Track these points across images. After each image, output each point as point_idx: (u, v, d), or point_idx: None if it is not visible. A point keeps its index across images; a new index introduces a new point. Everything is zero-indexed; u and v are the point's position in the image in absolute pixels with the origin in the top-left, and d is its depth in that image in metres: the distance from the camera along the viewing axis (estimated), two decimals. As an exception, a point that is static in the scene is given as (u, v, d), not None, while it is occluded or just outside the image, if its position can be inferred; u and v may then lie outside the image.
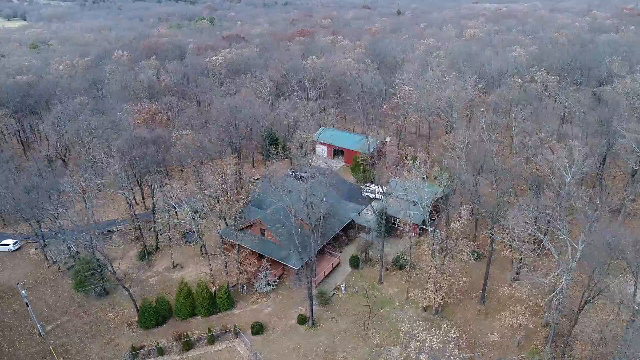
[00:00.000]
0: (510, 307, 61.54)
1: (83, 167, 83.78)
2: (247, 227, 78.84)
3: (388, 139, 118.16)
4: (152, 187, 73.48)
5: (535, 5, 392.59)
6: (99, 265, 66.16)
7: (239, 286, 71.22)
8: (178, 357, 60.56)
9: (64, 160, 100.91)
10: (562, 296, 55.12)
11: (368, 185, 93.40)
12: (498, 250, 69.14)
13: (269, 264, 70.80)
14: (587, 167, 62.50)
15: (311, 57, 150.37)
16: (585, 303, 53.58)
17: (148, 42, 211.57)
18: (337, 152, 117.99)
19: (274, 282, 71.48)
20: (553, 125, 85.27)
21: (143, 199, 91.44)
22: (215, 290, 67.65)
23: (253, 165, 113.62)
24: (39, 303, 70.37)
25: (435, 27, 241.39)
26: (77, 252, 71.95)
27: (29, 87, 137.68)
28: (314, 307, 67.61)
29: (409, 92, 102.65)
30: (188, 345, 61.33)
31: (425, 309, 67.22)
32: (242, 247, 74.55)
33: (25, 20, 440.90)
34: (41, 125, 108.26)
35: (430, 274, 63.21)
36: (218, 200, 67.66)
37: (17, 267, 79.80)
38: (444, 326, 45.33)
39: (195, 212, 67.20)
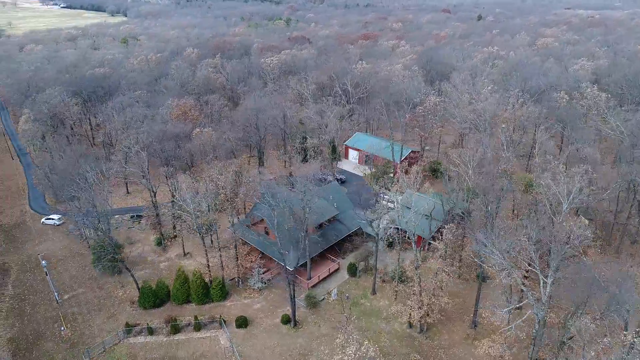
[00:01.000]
0: (492, 335, 59.00)
1: (117, 155, 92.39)
2: (254, 224, 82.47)
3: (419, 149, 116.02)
4: (167, 178, 79.35)
5: (635, 13, 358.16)
6: (111, 246, 72.89)
7: (235, 280, 74.72)
8: (165, 339, 65.32)
9: (110, 147, 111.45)
10: (541, 330, 52.06)
11: (384, 194, 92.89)
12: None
13: (263, 261, 73.56)
14: (589, 197, 57.74)
15: (360, 62, 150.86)
16: (562, 344, 50.12)
17: (217, 40, 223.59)
18: (369, 158, 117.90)
19: (268, 280, 74.12)
20: (576, 147, 78.73)
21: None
22: (210, 281, 71.70)
23: (259, 164, 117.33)
24: (65, 274, 79.01)
25: (508, 34, 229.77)
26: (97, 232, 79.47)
27: (103, 79, 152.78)
28: (302, 309, 69.59)
29: (434, 103, 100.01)
30: (175, 329, 65.87)
31: (411, 325, 66.20)
32: (247, 243, 78.29)
33: (125, 16, 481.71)
34: (100, 114, 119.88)
35: (414, 290, 62.35)
36: (216, 197, 71.41)
37: (57, 240, 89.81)
38: (365, 343, 45.36)
39: (198, 207, 71.35)
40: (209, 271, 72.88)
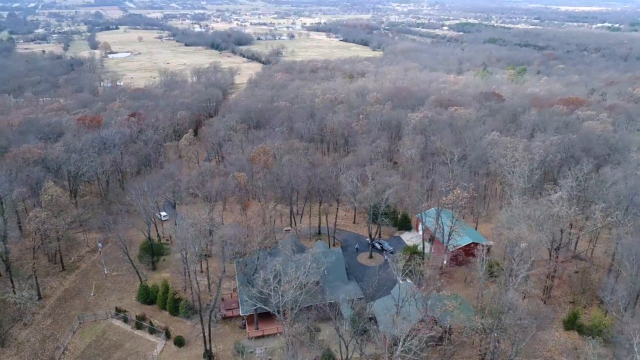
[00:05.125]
0: None
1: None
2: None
3: (490, 243, 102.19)
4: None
5: None
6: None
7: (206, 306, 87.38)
8: (129, 328, 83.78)
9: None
10: None
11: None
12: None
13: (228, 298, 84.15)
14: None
15: (495, 132, 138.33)
16: None
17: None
18: (432, 237, 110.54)
19: (222, 316, 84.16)
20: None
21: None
22: (179, 299, 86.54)
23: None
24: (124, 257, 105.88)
25: None
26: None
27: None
28: (229, 352, 77.59)
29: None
30: (138, 325, 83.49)
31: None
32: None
33: (383, 51, 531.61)
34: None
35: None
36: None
37: (157, 231, 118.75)
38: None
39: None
40: (186, 290, 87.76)
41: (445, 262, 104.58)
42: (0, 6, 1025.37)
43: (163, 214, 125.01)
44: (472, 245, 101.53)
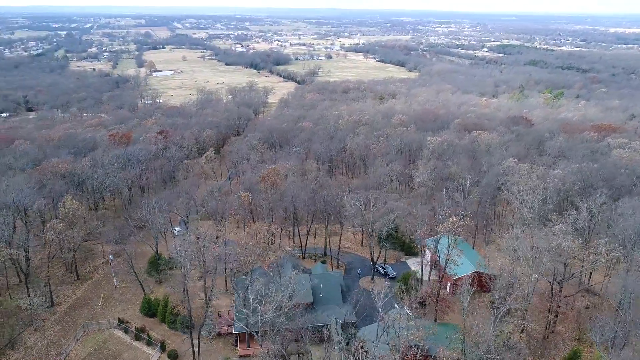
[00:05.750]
0: None
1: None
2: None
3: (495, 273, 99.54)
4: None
5: None
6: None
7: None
8: (129, 339, 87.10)
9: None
10: None
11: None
12: None
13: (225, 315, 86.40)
14: None
15: (513, 158, 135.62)
16: None
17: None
18: (437, 265, 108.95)
19: (217, 332, 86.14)
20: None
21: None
22: (177, 314, 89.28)
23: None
24: (138, 270, 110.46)
25: None
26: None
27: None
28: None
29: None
30: (137, 336, 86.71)
31: None
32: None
33: (419, 72, 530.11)
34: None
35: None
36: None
37: (167, 246, 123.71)
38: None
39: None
40: (185, 307, 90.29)
41: (447, 289, 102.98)
42: (59, 26, 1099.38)
43: (177, 229, 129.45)
44: (476, 274, 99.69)
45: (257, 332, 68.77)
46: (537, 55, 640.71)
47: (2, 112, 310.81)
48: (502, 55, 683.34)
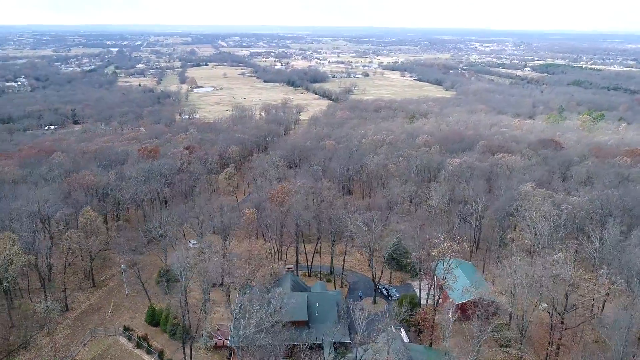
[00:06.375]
0: None
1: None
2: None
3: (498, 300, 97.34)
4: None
5: None
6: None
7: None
8: (131, 347, 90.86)
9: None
10: None
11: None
12: None
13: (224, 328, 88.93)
14: None
15: (531, 183, 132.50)
16: None
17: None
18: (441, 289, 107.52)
19: (214, 345, 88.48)
20: None
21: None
22: (177, 324, 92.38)
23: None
24: (150, 280, 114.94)
25: None
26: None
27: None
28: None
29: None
30: (139, 344, 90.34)
31: None
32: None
33: (455, 91, 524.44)
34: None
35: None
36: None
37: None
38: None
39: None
40: (184, 317, 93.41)
41: (450, 315, 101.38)
42: (112, 44, 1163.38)
43: (192, 242, 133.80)
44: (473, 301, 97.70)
45: (238, 347, 70.57)
46: (582, 75, 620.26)
47: (51, 125, 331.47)
48: (545, 75, 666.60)
